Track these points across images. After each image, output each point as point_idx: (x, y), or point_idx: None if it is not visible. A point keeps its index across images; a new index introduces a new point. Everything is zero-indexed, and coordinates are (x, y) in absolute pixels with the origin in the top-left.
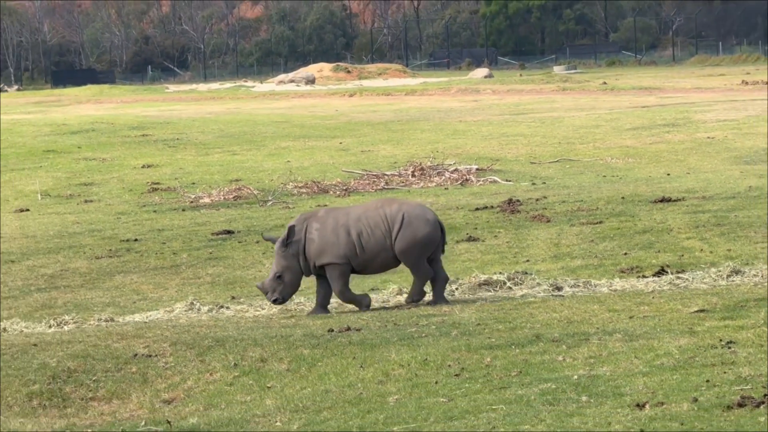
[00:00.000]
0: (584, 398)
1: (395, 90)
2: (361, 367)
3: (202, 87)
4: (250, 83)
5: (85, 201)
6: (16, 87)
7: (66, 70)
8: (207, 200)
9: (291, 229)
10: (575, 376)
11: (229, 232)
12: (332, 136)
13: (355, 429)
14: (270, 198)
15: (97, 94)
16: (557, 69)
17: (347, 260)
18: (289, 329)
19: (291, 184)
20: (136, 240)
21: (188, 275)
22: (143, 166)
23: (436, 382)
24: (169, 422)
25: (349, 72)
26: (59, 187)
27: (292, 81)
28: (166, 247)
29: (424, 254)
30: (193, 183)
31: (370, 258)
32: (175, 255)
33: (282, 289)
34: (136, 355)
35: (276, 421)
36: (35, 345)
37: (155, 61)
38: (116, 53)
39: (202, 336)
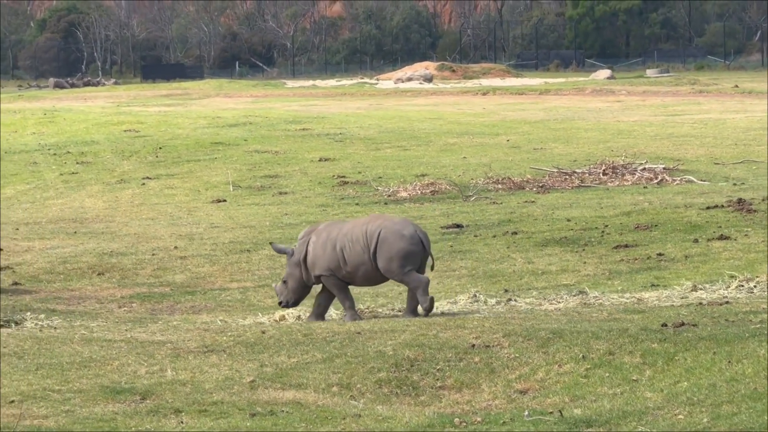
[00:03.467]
0: None
1: (527, 89)
2: (729, 362)
3: (320, 83)
4: (368, 80)
5: (280, 193)
6: (113, 81)
7: (154, 65)
8: (404, 194)
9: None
10: None
11: (458, 225)
12: (495, 133)
13: None
14: (471, 193)
15: (218, 88)
16: (650, 72)
17: (332, 272)
18: (618, 323)
19: (483, 179)
20: None
21: (441, 268)
22: (320, 160)
23: None
24: (560, 412)
25: (453, 71)
26: (245, 178)
27: (410, 79)
28: None
29: (406, 265)
30: (380, 177)
31: (352, 271)
32: None
33: (287, 294)
34: (473, 345)
35: (676, 414)
36: (358, 333)
37: (242, 57)
38: (204, 48)
39: (534, 328)
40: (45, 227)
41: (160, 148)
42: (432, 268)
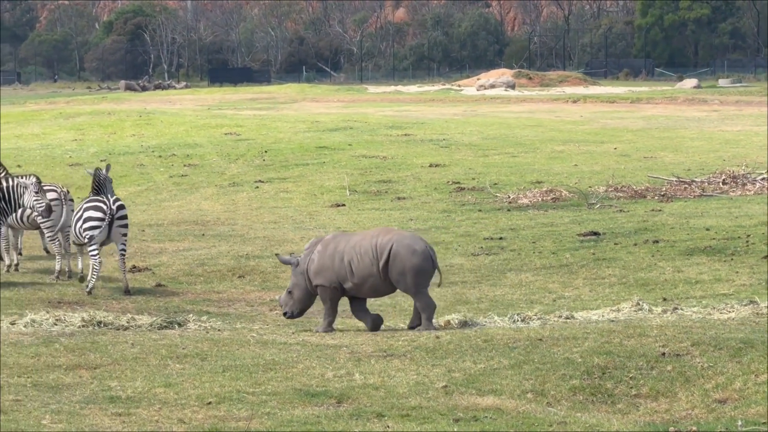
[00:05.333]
0: None
1: (617, 98)
2: None
3: (403, 89)
4: (448, 86)
5: (397, 198)
6: (183, 84)
7: (221, 68)
8: (525, 201)
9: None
10: None
11: (595, 233)
12: (600, 141)
13: None
14: (594, 201)
15: (300, 92)
16: (722, 82)
17: (338, 284)
18: None
19: (604, 187)
20: (500, 238)
21: (588, 275)
22: (430, 165)
23: None
24: None
25: (530, 78)
26: (358, 183)
27: (492, 86)
28: (537, 246)
29: (421, 283)
30: (495, 183)
31: (359, 282)
32: (555, 255)
33: (292, 304)
34: (663, 354)
35: None
36: (540, 340)
37: (309, 62)
38: (271, 53)
39: (721, 337)
40: (170, 229)
41: (266, 151)
42: (439, 285)
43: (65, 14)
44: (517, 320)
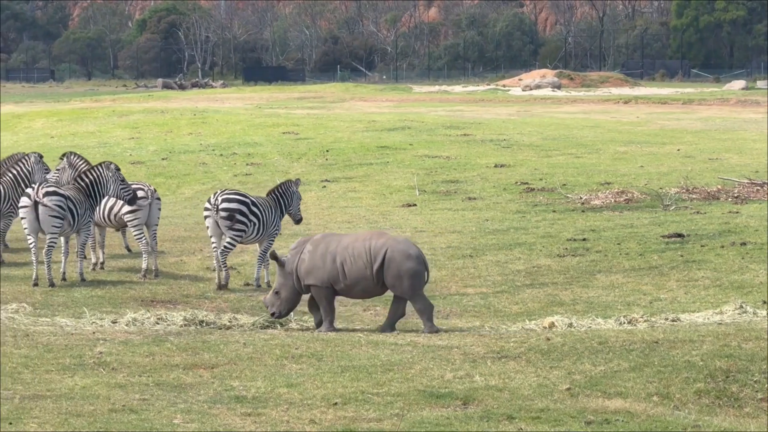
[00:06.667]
0: None
1: (669, 99)
2: None
3: (447, 88)
4: (496, 86)
5: (468, 198)
6: (221, 83)
7: (255, 67)
8: (597, 202)
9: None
10: None
11: (679, 235)
12: (661, 143)
13: None
14: (669, 202)
15: (345, 91)
16: (761, 84)
17: (329, 284)
18: None
19: (676, 189)
20: (584, 239)
21: (680, 277)
22: (495, 166)
23: None
24: None
25: (572, 79)
26: (425, 183)
27: (538, 86)
28: (623, 247)
29: (416, 286)
30: (564, 184)
31: (351, 284)
32: (642, 256)
33: (279, 304)
34: None
35: None
36: (656, 342)
37: (343, 62)
38: (306, 52)
39: None
40: None
41: (327, 151)
42: (426, 282)
43: (98, 12)
44: (624, 322)
